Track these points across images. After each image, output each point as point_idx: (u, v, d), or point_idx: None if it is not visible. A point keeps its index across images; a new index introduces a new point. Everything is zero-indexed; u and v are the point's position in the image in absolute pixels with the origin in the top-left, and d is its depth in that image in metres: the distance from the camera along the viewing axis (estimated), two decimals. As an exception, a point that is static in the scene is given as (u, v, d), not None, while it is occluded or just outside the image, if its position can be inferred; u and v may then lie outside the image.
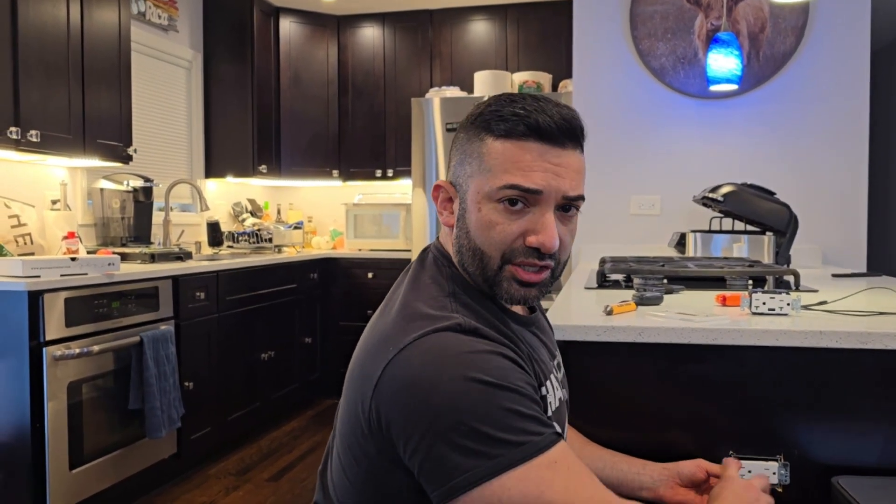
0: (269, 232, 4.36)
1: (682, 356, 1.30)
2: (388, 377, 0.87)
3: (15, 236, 2.93)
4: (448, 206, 1.02)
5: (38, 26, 2.79)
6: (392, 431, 0.86)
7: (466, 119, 1.00)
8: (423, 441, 0.83)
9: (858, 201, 3.38)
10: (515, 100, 0.96)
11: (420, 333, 0.88)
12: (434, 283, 0.98)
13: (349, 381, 0.96)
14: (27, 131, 2.71)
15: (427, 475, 0.84)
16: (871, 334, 1.23)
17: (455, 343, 0.87)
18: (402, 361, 0.86)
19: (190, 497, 3.04)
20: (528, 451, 0.82)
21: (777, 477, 1.25)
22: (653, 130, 3.56)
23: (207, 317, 3.38)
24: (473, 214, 0.96)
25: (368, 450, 0.90)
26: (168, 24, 4.14)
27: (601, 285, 2.02)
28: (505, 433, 0.82)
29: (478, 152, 0.96)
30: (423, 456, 0.83)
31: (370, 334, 0.97)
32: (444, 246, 1.05)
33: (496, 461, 0.81)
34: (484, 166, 0.95)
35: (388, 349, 0.89)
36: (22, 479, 2.42)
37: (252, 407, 3.78)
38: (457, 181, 1.00)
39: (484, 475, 0.81)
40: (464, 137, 0.99)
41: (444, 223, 1.02)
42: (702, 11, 3.48)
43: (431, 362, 0.85)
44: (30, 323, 2.41)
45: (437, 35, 4.78)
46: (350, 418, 0.93)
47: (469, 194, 0.97)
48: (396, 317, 0.94)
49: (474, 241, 0.97)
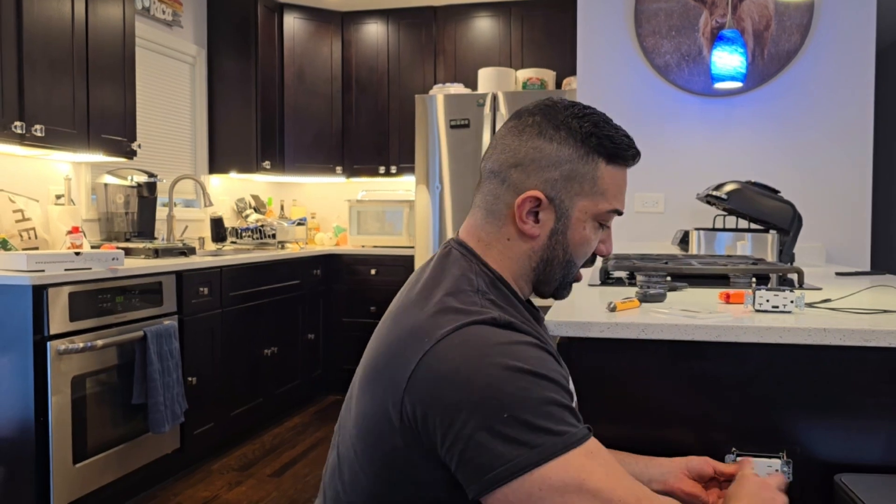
0: (272, 228, 4.37)
1: (686, 353, 1.29)
2: (425, 368, 0.86)
3: (19, 231, 2.94)
4: (532, 217, 1.01)
5: (42, 21, 2.80)
6: (429, 423, 0.86)
7: (562, 126, 0.99)
8: (463, 430, 0.83)
9: (862, 200, 3.37)
10: (611, 122, 1.02)
11: (457, 325, 0.88)
12: (463, 278, 0.98)
13: (371, 375, 0.94)
14: (32, 126, 2.72)
15: (466, 466, 0.84)
16: (874, 332, 1.23)
17: (492, 335, 0.88)
18: (440, 352, 0.87)
19: (193, 492, 3.05)
20: (569, 441, 0.83)
21: (780, 474, 1.25)
22: (657, 128, 3.56)
23: (211, 312, 3.39)
24: (577, 232, 1.02)
25: (395, 443, 0.89)
26: (172, 19, 4.14)
27: (604, 282, 2.02)
28: (546, 422, 0.83)
29: (591, 176, 1.00)
30: (463, 446, 0.83)
31: (394, 328, 0.95)
32: (470, 244, 1.04)
33: (538, 450, 0.81)
34: (597, 189, 1.00)
35: (421, 341, 0.88)
36: (26, 473, 2.43)
37: (255, 403, 3.79)
38: (555, 196, 1.00)
39: (526, 465, 0.81)
40: (570, 155, 0.99)
41: (526, 233, 1.00)
42: (706, 9, 3.47)
43: (470, 352, 0.86)
44: (34, 317, 2.42)
45: (441, 32, 4.78)
46: (373, 413, 0.92)
47: (574, 212, 1.01)
48: (426, 311, 0.93)
49: (570, 255, 1.03)
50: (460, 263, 1.00)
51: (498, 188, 1.02)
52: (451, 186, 4.21)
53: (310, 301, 4.40)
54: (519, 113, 1.04)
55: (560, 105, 1.02)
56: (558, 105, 1.02)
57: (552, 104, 1.02)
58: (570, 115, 1.00)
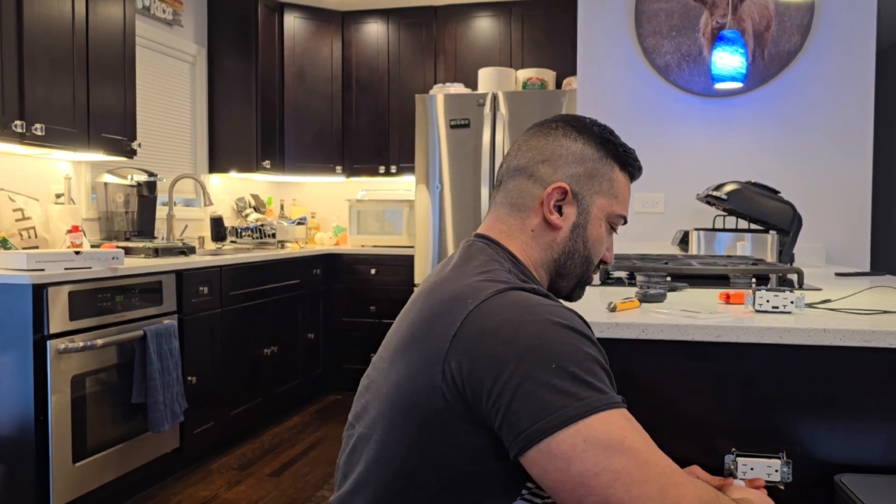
0: (272, 227, 4.37)
1: (686, 353, 1.30)
2: (471, 325, 0.89)
3: (19, 230, 2.94)
4: (557, 210, 1.07)
5: (43, 20, 2.79)
6: (474, 376, 0.87)
7: (584, 131, 1.09)
8: (511, 380, 0.84)
9: (862, 200, 3.37)
10: (618, 136, 1.12)
11: (499, 289, 0.92)
12: (493, 260, 1.02)
13: (405, 345, 0.96)
14: (32, 125, 2.72)
15: (512, 417, 0.84)
16: (874, 333, 1.23)
17: (534, 297, 0.93)
18: (486, 310, 0.90)
19: (192, 491, 3.05)
20: (611, 399, 0.84)
21: (779, 475, 1.25)
22: (657, 128, 3.56)
23: (211, 311, 3.39)
24: (595, 229, 1.09)
25: (434, 406, 0.90)
26: (172, 18, 4.14)
27: (604, 282, 2.02)
28: (590, 377, 0.85)
29: (609, 176, 1.09)
30: (510, 396, 0.84)
31: (431, 300, 0.97)
32: (492, 236, 1.08)
33: (584, 402, 0.83)
34: (613, 191, 1.09)
35: (464, 303, 0.91)
36: (25, 472, 2.43)
37: (255, 402, 3.79)
38: (578, 190, 1.07)
39: (573, 415, 0.82)
40: (592, 154, 1.08)
41: (552, 223, 1.06)
42: (707, 9, 3.47)
43: (517, 309, 0.89)
44: (34, 316, 2.42)
45: (442, 31, 4.78)
46: (412, 379, 0.92)
47: (593, 209, 1.08)
48: (466, 281, 0.96)
49: (589, 251, 1.10)
50: (486, 251, 1.05)
51: (524, 183, 1.08)
52: (450, 186, 4.21)
53: (310, 300, 4.40)
54: (541, 123, 1.13)
55: (579, 116, 1.13)
56: (578, 116, 1.12)
57: (572, 115, 1.13)
58: (590, 122, 1.11)
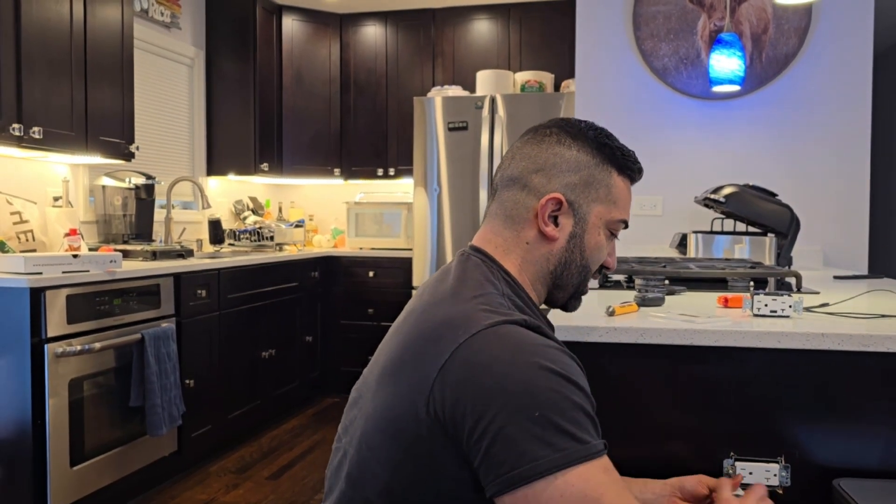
0: (270, 230, 4.36)
1: (684, 357, 1.30)
2: (460, 360, 0.87)
3: (17, 233, 2.94)
4: (552, 220, 1.04)
5: (41, 23, 2.79)
6: (458, 412, 0.86)
7: (579, 136, 1.06)
8: (493, 423, 0.83)
9: (860, 203, 3.37)
10: (616, 138, 1.08)
11: (491, 322, 0.90)
12: (488, 282, 1.00)
13: (395, 367, 0.95)
14: (30, 128, 2.71)
15: (491, 460, 0.84)
16: (872, 337, 1.23)
17: (526, 334, 0.91)
18: (476, 345, 0.88)
19: (190, 495, 3.04)
20: (591, 451, 0.84)
21: (778, 479, 1.25)
22: (655, 131, 3.56)
23: (209, 314, 3.38)
24: (593, 237, 1.06)
25: (418, 434, 0.89)
26: (171, 21, 4.14)
27: (602, 286, 2.02)
28: (573, 427, 0.84)
29: (606, 182, 1.05)
30: (491, 439, 0.83)
31: (423, 322, 0.96)
32: (488, 251, 1.06)
33: (563, 454, 0.82)
34: (611, 197, 1.06)
35: (455, 334, 0.90)
36: (23, 475, 2.43)
37: (253, 405, 3.78)
38: (574, 199, 1.04)
39: (551, 467, 0.81)
40: (588, 161, 1.04)
41: (548, 235, 1.04)
42: (705, 12, 3.48)
43: (507, 348, 0.88)
44: (31, 320, 2.41)
45: (440, 34, 4.78)
46: (395, 405, 0.92)
47: (590, 217, 1.05)
48: (459, 306, 0.95)
49: (587, 260, 1.07)
50: (481, 268, 1.03)
51: (518, 194, 1.05)
52: (449, 189, 4.21)
53: (308, 303, 4.39)
54: (535, 128, 1.10)
55: (574, 120, 1.09)
56: (572, 120, 1.09)
57: (567, 119, 1.09)
58: (585, 126, 1.07)
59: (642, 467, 1.28)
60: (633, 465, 1.28)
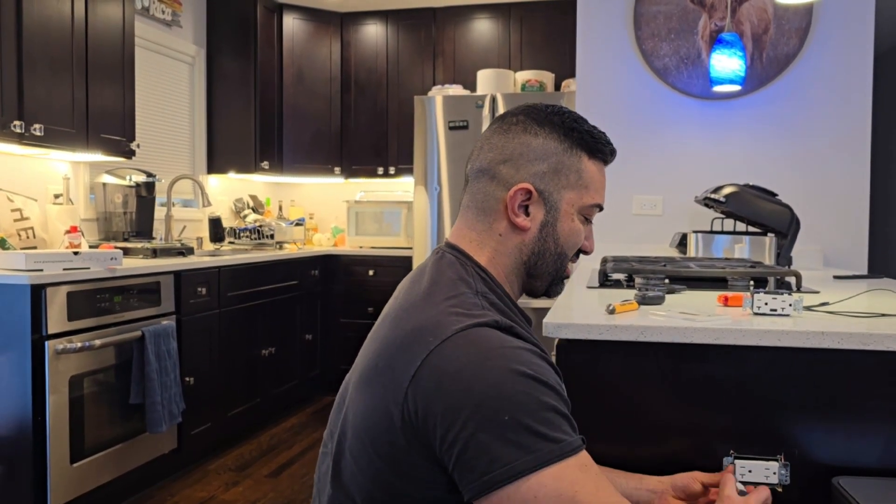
0: (270, 228, 4.37)
1: (684, 355, 1.30)
2: (430, 367, 0.87)
3: (18, 230, 2.94)
4: (523, 210, 1.03)
5: (42, 21, 2.79)
6: (429, 421, 0.86)
7: (546, 123, 1.04)
8: (464, 430, 0.83)
9: (860, 203, 3.38)
10: (587, 121, 1.06)
11: (461, 327, 0.90)
12: (461, 281, 0.99)
13: (370, 375, 0.95)
14: (31, 125, 2.72)
15: (464, 466, 0.84)
16: (872, 335, 1.23)
17: (496, 338, 0.90)
18: (445, 352, 0.88)
19: (189, 492, 3.04)
20: (564, 449, 0.84)
21: (777, 477, 1.25)
22: (655, 131, 3.56)
23: (209, 312, 3.38)
24: (566, 224, 1.05)
25: (395, 441, 0.90)
26: (171, 19, 4.14)
27: (603, 284, 2.03)
28: (544, 428, 0.83)
29: (576, 168, 1.04)
30: (462, 445, 0.84)
31: (396, 329, 0.96)
32: (461, 246, 1.05)
33: (535, 455, 0.82)
34: (581, 182, 1.04)
35: (426, 341, 0.89)
36: (23, 472, 2.43)
37: (252, 403, 3.78)
38: (544, 188, 1.03)
39: (523, 469, 0.82)
40: (555, 147, 1.03)
41: (518, 225, 1.03)
42: (705, 12, 3.48)
43: (475, 353, 0.87)
44: (32, 316, 2.41)
45: (441, 33, 4.78)
46: (372, 412, 0.92)
47: (562, 204, 1.04)
48: (429, 312, 0.94)
49: (562, 247, 1.06)
50: (455, 267, 1.01)
51: (487, 185, 1.04)
52: (449, 188, 4.21)
53: (307, 301, 4.40)
54: (503, 116, 1.08)
55: (541, 106, 1.07)
56: (539, 106, 1.07)
57: (534, 105, 1.07)
58: (551, 112, 1.05)
59: (642, 464, 1.28)
60: (632, 462, 1.29)
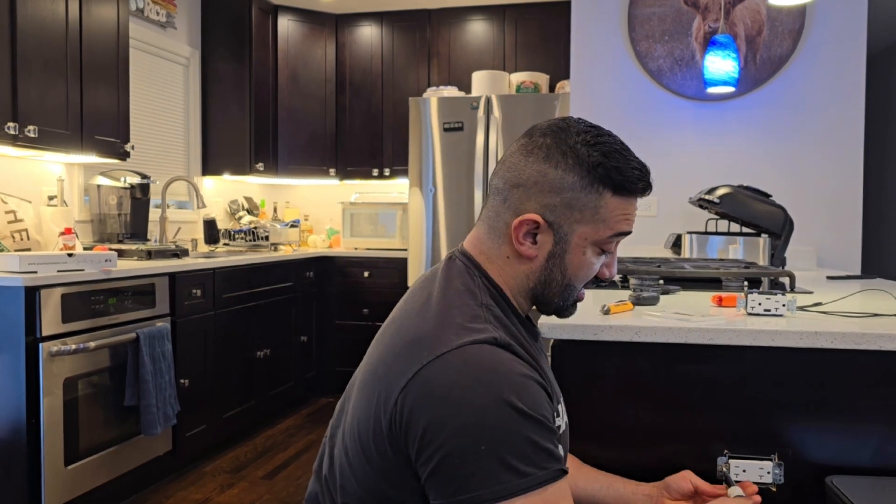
0: (265, 230, 4.36)
1: (679, 356, 1.30)
2: (421, 381, 0.87)
3: (11, 232, 2.93)
4: (530, 238, 0.99)
5: (36, 22, 2.79)
6: (411, 433, 0.87)
7: (570, 154, 0.96)
8: (440, 450, 0.84)
9: (853, 204, 3.39)
10: (624, 151, 0.98)
11: (457, 344, 0.89)
12: (467, 291, 0.98)
13: (369, 380, 0.95)
14: (25, 127, 2.71)
15: (434, 483, 0.86)
16: (865, 335, 1.24)
17: (490, 358, 0.88)
18: (438, 368, 0.87)
19: (185, 494, 3.04)
20: (530, 483, 0.83)
21: (771, 476, 1.25)
22: (649, 132, 3.57)
23: (204, 314, 3.38)
24: (576, 257, 1.00)
25: (384, 448, 0.90)
26: (166, 20, 4.13)
27: (597, 285, 2.03)
28: (517, 461, 0.83)
29: (594, 205, 0.97)
30: (436, 464, 0.85)
31: (396, 337, 0.96)
32: (473, 255, 1.04)
33: (502, 486, 0.82)
34: (598, 217, 0.98)
35: (421, 353, 0.89)
36: (17, 474, 2.42)
37: (247, 405, 3.78)
38: (554, 220, 0.97)
39: (488, 499, 0.82)
40: (573, 183, 0.96)
41: (523, 254, 0.99)
42: (699, 14, 3.49)
43: (467, 374, 0.86)
44: (26, 318, 2.40)
45: (436, 35, 4.79)
46: (366, 418, 0.93)
47: (573, 238, 0.99)
48: (430, 321, 0.94)
49: (570, 279, 1.01)
50: (464, 276, 1.01)
51: (500, 206, 1.01)
52: (444, 189, 4.22)
53: (303, 303, 4.39)
54: (531, 131, 1.01)
55: (573, 129, 0.98)
56: (571, 129, 0.98)
57: (566, 126, 0.99)
58: (580, 141, 0.97)
59: (636, 465, 1.29)
60: (627, 463, 1.29)
